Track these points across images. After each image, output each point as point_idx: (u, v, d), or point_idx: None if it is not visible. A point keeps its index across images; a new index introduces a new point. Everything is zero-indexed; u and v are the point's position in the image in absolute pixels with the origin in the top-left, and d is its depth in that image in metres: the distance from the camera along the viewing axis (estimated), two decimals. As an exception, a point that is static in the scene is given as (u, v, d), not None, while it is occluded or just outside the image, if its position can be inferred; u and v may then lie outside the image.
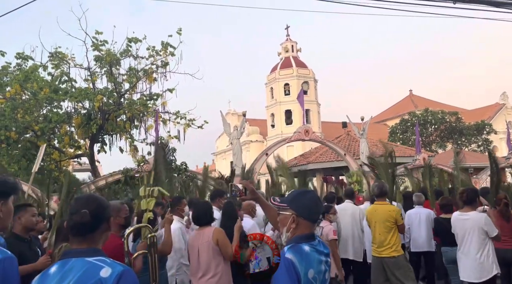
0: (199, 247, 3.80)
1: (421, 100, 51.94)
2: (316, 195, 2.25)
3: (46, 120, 14.30)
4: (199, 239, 3.84)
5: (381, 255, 5.15)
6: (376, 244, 5.23)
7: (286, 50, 45.11)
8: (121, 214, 3.34)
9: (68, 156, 15.70)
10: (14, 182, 1.85)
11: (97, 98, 13.73)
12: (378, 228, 5.19)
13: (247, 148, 41.98)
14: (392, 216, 5.13)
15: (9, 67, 15.67)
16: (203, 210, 3.98)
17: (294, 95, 40.31)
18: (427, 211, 6.57)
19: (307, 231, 2.12)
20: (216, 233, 3.79)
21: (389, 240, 5.09)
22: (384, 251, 5.12)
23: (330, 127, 41.85)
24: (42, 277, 1.67)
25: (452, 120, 34.72)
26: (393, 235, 5.12)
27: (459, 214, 4.84)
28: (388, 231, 5.11)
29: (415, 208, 6.67)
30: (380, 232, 5.16)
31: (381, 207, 5.26)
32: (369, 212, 5.43)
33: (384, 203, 5.32)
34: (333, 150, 17.99)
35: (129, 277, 1.64)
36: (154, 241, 2.36)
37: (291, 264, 1.95)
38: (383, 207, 5.26)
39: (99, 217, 1.73)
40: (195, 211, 4.06)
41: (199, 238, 3.85)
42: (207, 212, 3.95)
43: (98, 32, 14.75)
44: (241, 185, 2.54)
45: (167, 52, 15.13)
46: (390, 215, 5.13)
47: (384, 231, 5.13)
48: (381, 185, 5.47)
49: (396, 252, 5.10)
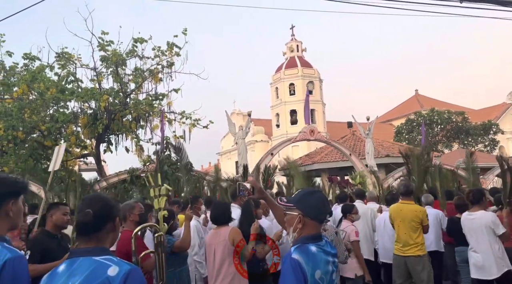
0: (215, 246, 3.84)
1: (427, 100, 51.64)
2: (323, 195, 2.24)
3: (53, 120, 14.40)
4: (216, 238, 3.88)
5: (405, 254, 5.16)
6: (401, 243, 5.22)
7: (291, 50, 45.04)
8: (135, 212, 3.44)
9: (74, 156, 15.80)
10: (24, 181, 1.87)
11: (103, 98, 13.80)
12: (402, 227, 5.19)
13: (252, 148, 41.99)
14: (418, 217, 5.14)
15: (16, 68, 15.80)
16: (222, 209, 4.01)
17: (299, 95, 40.31)
18: (436, 212, 6.56)
19: (314, 232, 2.10)
20: (233, 233, 3.81)
21: (415, 239, 5.12)
22: (409, 250, 5.14)
23: (336, 127, 41.75)
24: (50, 276, 1.69)
25: (458, 120, 34.49)
26: (419, 235, 5.15)
27: (467, 214, 4.94)
28: (413, 231, 5.13)
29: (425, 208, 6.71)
30: (405, 232, 5.16)
31: (406, 207, 5.24)
32: (394, 210, 5.38)
33: (409, 203, 5.29)
34: (338, 150, 17.94)
35: (136, 276, 1.65)
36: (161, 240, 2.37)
37: (298, 265, 1.94)
38: (409, 206, 5.24)
39: (104, 217, 1.73)
40: (213, 211, 4.10)
41: (216, 238, 3.88)
42: (225, 212, 3.98)
43: (104, 33, 14.83)
44: (249, 184, 2.54)
45: (173, 52, 15.19)
46: (416, 216, 5.14)
47: (410, 230, 5.14)
48: (408, 184, 5.48)
49: (421, 251, 5.14)
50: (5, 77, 15.66)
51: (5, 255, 1.63)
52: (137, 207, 3.48)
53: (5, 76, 15.72)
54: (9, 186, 1.78)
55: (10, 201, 1.75)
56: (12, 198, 1.76)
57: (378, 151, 19.19)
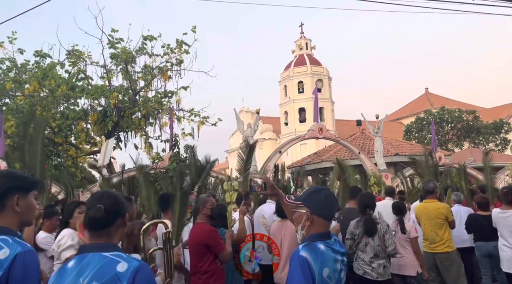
0: (281, 238, 4.02)
1: (437, 98, 51.06)
2: (331, 192, 2.22)
3: (63, 117, 14.54)
4: (282, 230, 4.06)
5: (434, 251, 5.35)
6: (429, 241, 5.41)
7: (300, 48, 44.84)
8: (207, 206, 3.61)
9: (84, 152, 15.94)
10: (34, 178, 1.88)
11: (113, 96, 13.90)
12: (428, 225, 5.39)
13: (260, 146, 41.93)
14: (442, 213, 5.31)
15: (28, 65, 15.98)
16: None
17: (308, 93, 40.10)
18: (467, 209, 6.83)
19: (322, 230, 2.09)
20: None
21: (441, 236, 5.30)
22: (437, 247, 5.32)
23: (344, 125, 41.53)
24: (60, 272, 1.70)
25: (469, 118, 34.09)
26: (445, 231, 5.32)
27: (500, 212, 5.14)
28: (439, 227, 5.32)
29: (455, 206, 6.89)
30: (431, 229, 5.36)
31: (430, 205, 5.44)
32: (419, 209, 5.62)
33: (433, 201, 5.48)
34: (347, 148, 17.86)
35: (145, 272, 1.65)
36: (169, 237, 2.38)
37: (306, 262, 1.93)
38: (433, 204, 5.43)
39: (114, 212, 1.74)
40: (278, 205, 4.29)
41: (282, 229, 4.07)
42: None
43: (114, 30, 14.93)
44: (260, 180, 2.53)
45: (182, 50, 15.23)
46: (440, 212, 5.33)
47: (436, 227, 5.33)
48: (431, 184, 5.70)
49: (449, 247, 5.30)
50: (16, 74, 15.85)
51: (16, 249, 1.64)
52: (209, 201, 3.66)
53: (17, 73, 15.91)
54: (14, 180, 1.78)
55: (15, 196, 1.76)
56: (17, 192, 1.77)
57: (387, 150, 19.06)
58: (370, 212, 4.35)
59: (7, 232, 1.70)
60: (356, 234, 4.32)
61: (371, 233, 4.22)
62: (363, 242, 4.26)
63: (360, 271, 4.23)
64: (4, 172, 1.84)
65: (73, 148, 15.51)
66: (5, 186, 1.75)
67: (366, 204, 4.41)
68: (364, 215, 4.36)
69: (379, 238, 4.21)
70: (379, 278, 4.07)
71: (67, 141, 15.31)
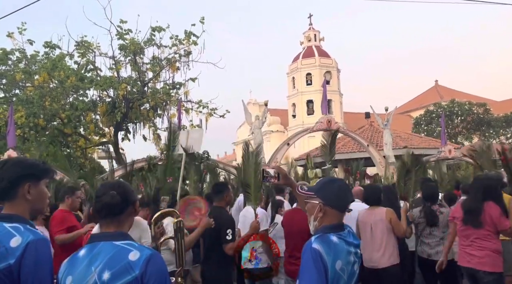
0: (371, 223, 4.26)
1: (447, 91, 50.47)
2: (344, 183, 2.19)
3: (73, 108, 14.64)
4: (372, 217, 4.29)
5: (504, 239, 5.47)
6: None
7: (308, 39, 44.50)
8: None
9: (93, 143, 16.05)
10: (46, 166, 1.88)
11: (122, 87, 13.94)
12: None
13: (268, 139, 41.91)
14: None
15: (37, 56, 16.06)
16: (372, 192, 4.49)
17: (316, 85, 39.90)
18: None
19: (335, 221, 2.06)
20: (389, 213, 4.25)
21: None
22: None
23: (353, 117, 41.25)
24: (71, 260, 1.70)
25: (479, 111, 33.67)
26: None
27: None
28: None
29: None
30: None
31: None
32: None
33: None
34: (355, 141, 17.75)
35: (157, 260, 1.65)
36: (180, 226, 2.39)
37: (318, 255, 1.89)
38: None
39: (126, 199, 1.75)
40: (367, 192, 4.55)
41: (372, 216, 4.30)
42: (376, 194, 4.43)
43: (122, 21, 14.92)
44: (273, 170, 2.50)
45: (190, 41, 15.19)
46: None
47: None
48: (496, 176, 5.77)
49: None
50: (26, 65, 15.95)
51: (28, 237, 1.64)
52: None
53: (27, 64, 16.01)
54: (25, 168, 1.77)
55: (26, 184, 1.75)
56: (28, 180, 1.76)
57: (396, 142, 18.90)
58: (429, 203, 4.66)
59: (18, 220, 1.70)
60: (420, 222, 4.70)
61: (432, 223, 4.59)
62: (426, 230, 4.65)
63: (424, 254, 4.65)
64: (15, 160, 1.84)
65: (82, 139, 15.63)
66: (17, 174, 1.75)
67: (426, 196, 4.74)
68: (425, 206, 4.67)
69: (442, 226, 4.60)
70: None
71: (76, 132, 15.43)
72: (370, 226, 4.29)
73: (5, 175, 1.73)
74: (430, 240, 4.63)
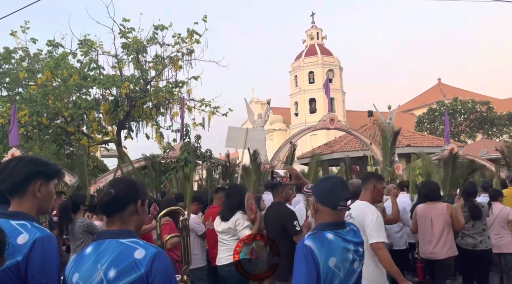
0: (432, 217, 4.50)
1: (450, 89, 50.26)
2: (340, 181, 2.15)
3: (76, 107, 14.67)
4: (432, 211, 4.52)
5: None
6: None
7: (311, 37, 44.36)
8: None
9: (96, 142, 16.09)
10: (57, 166, 1.89)
11: (124, 85, 13.95)
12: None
13: (270, 137, 41.88)
14: None
15: (40, 54, 16.10)
16: (432, 188, 4.73)
17: (319, 83, 39.81)
18: None
19: (330, 218, 2.06)
20: (450, 208, 4.54)
21: None
22: None
23: (355, 116, 41.19)
24: (78, 257, 1.71)
25: (483, 109, 33.54)
26: None
27: None
28: None
29: None
30: None
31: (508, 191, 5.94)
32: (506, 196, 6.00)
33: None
34: (358, 139, 17.73)
35: (162, 258, 1.65)
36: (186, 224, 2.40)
37: (310, 252, 1.91)
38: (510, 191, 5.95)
39: (125, 197, 1.71)
40: (425, 188, 4.83)
41: (432, 210, 4.53)
42: (436, 190, 4.69)
43: (125, 20, 14.93)
44: (283, 170, 2.51)
45: (193, 39, 15.19)
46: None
47: None
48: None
49: None
50: (29, 63, 15.99)
51: (35, 234, 1.65)
52: None
53: (30, 62, 16.05)
54: (39, 166, 1.79)
55: (38, 182, 1.76)
56: (40, 178, 1.77)
57: (399, 141, 18.81)
58: (472, 199, 5.06)
59: (25, 217, 1.70)
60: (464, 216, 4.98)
61: (476, 217, 4.94)
62: (469, 223, 4.96)
63: (469, 246, 4.96)
64: (31, 157, 1.85)
65: (85, 137, 15.66)
66: (31, 171, 1.76)
67: (469, 192, 5.07)
68: (468, 202, 4.98)
69: (483, 219, 5.00)
70: (488, 247, 4.98)
71: (79, 130, 15.47)
72: (431, 220, 4.52)
73: (21, 170, 1.74)
74: (473, 232, 4.98)
